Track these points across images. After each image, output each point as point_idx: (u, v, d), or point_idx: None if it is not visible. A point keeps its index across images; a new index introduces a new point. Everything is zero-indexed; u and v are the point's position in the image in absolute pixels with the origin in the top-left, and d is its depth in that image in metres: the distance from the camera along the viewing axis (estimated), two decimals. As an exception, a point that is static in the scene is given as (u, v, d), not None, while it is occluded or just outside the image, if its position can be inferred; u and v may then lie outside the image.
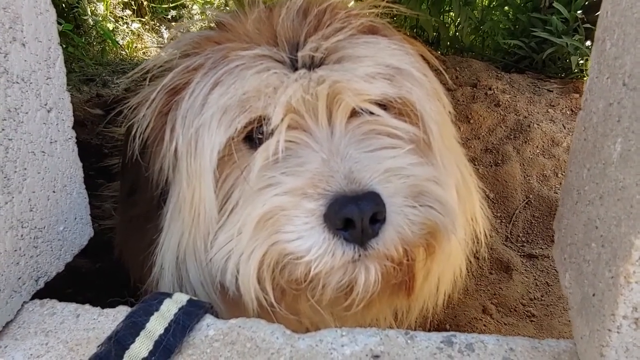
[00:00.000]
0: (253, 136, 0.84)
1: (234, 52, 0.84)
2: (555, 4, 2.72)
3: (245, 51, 0.83)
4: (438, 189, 0.81)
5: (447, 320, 1.62)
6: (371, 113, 0.84)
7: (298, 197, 0.76)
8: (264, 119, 0.81)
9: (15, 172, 0.75)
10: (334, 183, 0.76)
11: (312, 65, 0.82)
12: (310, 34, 0.85)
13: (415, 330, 0.73)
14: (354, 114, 0.84)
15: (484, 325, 1.59)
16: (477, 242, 0.99)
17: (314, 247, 0.75)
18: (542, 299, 1.71)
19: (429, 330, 0.75)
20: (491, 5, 3.30)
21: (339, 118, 0.82)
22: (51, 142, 0.82)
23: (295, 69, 0.82)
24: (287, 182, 0.77)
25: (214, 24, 0.95)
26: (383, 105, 0.85)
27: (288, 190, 0.77)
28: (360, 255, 0.76)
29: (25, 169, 0.77)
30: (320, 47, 0.82)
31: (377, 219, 0.74)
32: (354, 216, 0.73)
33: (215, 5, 4.20)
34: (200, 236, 0.85)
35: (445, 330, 1.10)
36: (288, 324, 0.76)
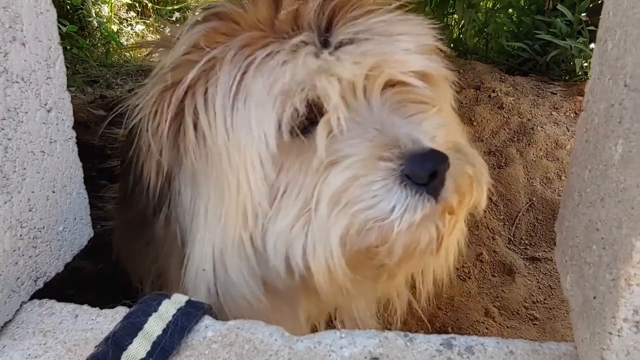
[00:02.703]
0: (299, 120, 0.84)
1: (261, 40, 0.84)
2: (559, 7, 2.71)
3: (275, 38, 0.84)
4: (467, 145, 0.88)
5: (449, 323, 1.62)
6: (404, 83, 0.88)
7: (374, 162, 0.79)
8: (314, 100, 0.82)
9: (15, 171, 0.75)
10: (403, 144, 0.80)
11: (346, 43, 0.84)
12: (336, 17, 0.86)
13: (416, 333, 0.73)
14: (386, 85, 0.87)
15: (486, 329, 1.59)
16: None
17: (397, 205, 0.78)
18: (545, 302, 1.71)
19: (431, 333, 0.74)
20: (495, 8, 3.29)
21: (375, 90, 0.85)
22: (51, 142, 0.82)
23: (327, 48, 0.84)
24: (356, 153, 0.80)
25: (208, 15, 0.91)
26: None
27: (362, 159, 0.80)
28: (430, 210, 0.81)
29: (24, 168, 0.76)
30: (353, 29, 0.84)
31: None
32: (439, 168, 0.78)
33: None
34: (247, 229, 0.84)
35: (447, 333, 1.10)
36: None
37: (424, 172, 0.77)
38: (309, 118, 0.83)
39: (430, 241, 0.84)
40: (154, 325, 0.69)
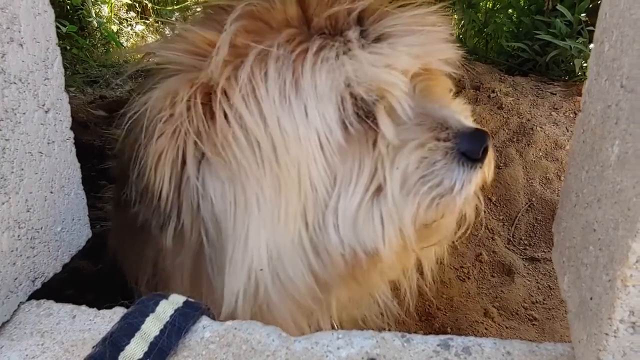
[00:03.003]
0: (359, 109, 0.87)
1: (299, 37, 0.85)
2: (559, 7, 2.71)
3: (318, 35, 0.86)
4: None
5: (449, 323, 1.62)
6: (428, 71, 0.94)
7: (434, 143, 0.87)
8: (374, 90, 0.86)
9: (12, 172, 0.75)
10: (453, 125, 0.88)
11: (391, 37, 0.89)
12: (367, 14, 0.89)
13: (414, 333, 0.73)
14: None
15: (486, 329, 1.59)
16: None
17: (457, 181, 0.87)
18: (544, 302, 1.71)
19: (429, 334, 0.74)
20: (495, 8, 3.29)
21: (408, 77, 0.90)
22: (49, 143, 0.82)
23: (377, 42, 0.87)
24: (416, 136, 0.87)
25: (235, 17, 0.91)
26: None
27: (423, 141, 0.86)
28: (480, 182, 0.91)
29: (22, 169, 0.77)
30: (391, 23, 0.88)
31: None
32: (489, 143, 0.89)
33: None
34: (307, 223, 0.86)
35: (446, 333, 1.10)
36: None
37: (479, 148, 0.87)
38: (365, 107, 0.86)
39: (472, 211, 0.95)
40: (152, 326, 0.69)
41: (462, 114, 0.92)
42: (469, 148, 0.87)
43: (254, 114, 0.83)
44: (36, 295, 0.83)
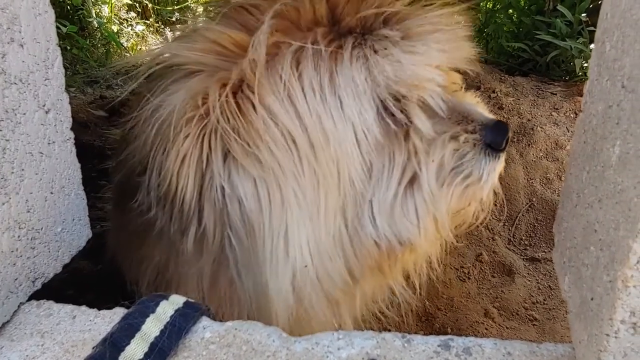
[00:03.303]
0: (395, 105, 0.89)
1: (330, 35, 0.85)
2: (559, 7, 2.70)
3: (350, 34, 0.87)
4: None
5: (449, 323, 1.62)
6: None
7: (463, 136, 0.91)
8: (409, 88, 0.87)
9: (13, 173, 0.75)
10: (477, 117, 0.93)
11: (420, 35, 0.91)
12: (391, 14, 0.90)
13: (415, 333, 0.73)
14: None
15: (486, 329, 1.59)
16: None
17: (485, 171, 0.92)
18: (545, 302, 1.70)
19: (430, 334, 0.74)
20: (495, 8, 3.29)
21: None
22: (49, 143, 0.82)
23: (407, 40, 0.89)
24: (446, 129, 0.91)
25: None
26: None
27: (453, 134, 0.91)
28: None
29: (22, 170, 0.77)
30: (417, 22, 0.89)
31: None
32: (510, 134, 0.94)
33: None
34: (346, 217, 0.88)
35: (447, 334, 1.10)
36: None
37: (502, 139, 0.92)
38: (399, 102, 0.88)
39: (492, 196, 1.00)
40: (152, 327, 0.69)
41: (480, 107, 0.97)
42: (494, 139, 0.91)
43: (289, 111, 0.83)
44: (36, 296, 0.83)
